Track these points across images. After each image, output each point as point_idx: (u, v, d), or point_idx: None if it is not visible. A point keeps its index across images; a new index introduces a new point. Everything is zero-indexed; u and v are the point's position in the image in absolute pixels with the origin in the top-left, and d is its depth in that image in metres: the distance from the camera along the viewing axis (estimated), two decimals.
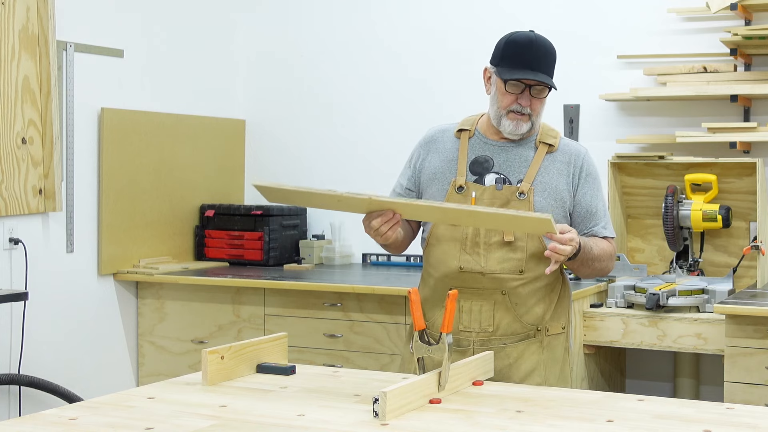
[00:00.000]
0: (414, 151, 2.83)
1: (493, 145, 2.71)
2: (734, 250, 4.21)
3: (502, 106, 2.65)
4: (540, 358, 2.68)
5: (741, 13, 4.12)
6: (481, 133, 2.74)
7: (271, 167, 5.26)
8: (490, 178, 2.68)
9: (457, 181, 2.68)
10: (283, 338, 2.57)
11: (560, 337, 2.74)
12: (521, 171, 2.68)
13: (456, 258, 2.65)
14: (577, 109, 4.59)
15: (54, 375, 4.19)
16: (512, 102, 2.64)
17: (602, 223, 2.73)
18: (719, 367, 3.62)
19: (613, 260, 2.77)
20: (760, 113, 4.26)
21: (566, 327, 2.76)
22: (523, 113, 2.65)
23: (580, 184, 2.71)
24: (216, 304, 4.44)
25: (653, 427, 1.95)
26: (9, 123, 4.00)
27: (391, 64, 5.01)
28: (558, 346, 2.73)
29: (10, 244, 4.05)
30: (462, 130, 2.75)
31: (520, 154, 2.70)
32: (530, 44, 2.63)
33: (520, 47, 2.63)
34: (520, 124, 2.66)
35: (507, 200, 2.64)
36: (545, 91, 2.67)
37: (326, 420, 2.00)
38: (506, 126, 2.66)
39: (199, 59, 5.04)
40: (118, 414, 2.05)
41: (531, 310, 2.66)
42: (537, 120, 2.70)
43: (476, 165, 2.70)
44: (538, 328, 2.68)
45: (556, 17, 4.64)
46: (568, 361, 2.79)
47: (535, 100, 2.66)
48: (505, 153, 2.70)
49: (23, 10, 4.04)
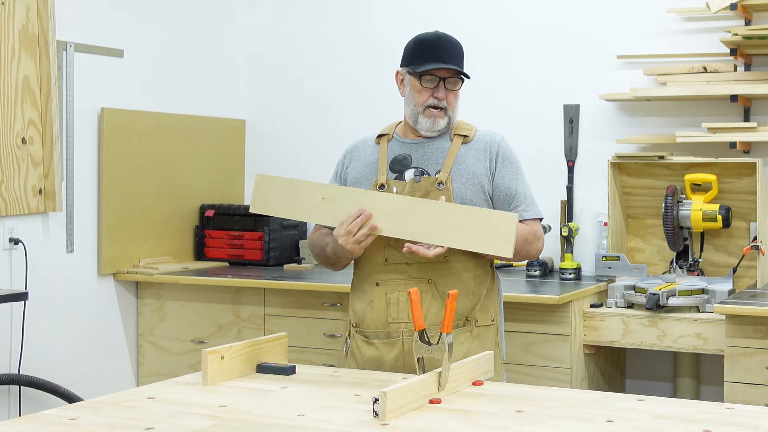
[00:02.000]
0: (337, 165, 2.94)
1: (410, 144, 2.82)
2: (734, 250, 4.21)
3: (419, 104, 2.76)
4: (471, 347, 2.72)
5: (741, 13, 4.12)
6: (399, 135, 2.85)
7: (271, 167, 5.26)
8: (409, 173, 2.77)
9: (378, 180, 2.77)
10: (283, 338, 2.57)
11: (490, 329, 2.80)
12: (439, 162, 2.76)
13: (381, 252, 2.73)
14: (577, 109, 4.59)
15: (54, 375, 4.19)
16: (428, 97, 2.74)
17: (522, 206, 2.78)
18: (719, 367, 3.62)
19: (540, 240, 2.81)
20: (760, 113, 4.26)
21: (495, 320, 2.82)
22: (439, 107, 2.74)
23: (498, 168, 2.78)
24: (216, 304, 4.44)
25: (653, 427, 1.95)
26: (9, 123, 4.00)
27: (392, 64, 4.99)
28: (488, 338, 2.79)
29: (10, 244, 4.05)
30: (381, 135, 2.87)
31: (436, 147, 2.79)
32: (438, 40, 2.77)
33: (430, 44, 2.76)
34: (437, 120, 2.76)
35: (426, 191, 2.72)
36: (458, 83, 2.77)
37: (326, 420, 2.00)
38: (424, 123, 2.76)
39: (198, 59, 5.05)
40: (118, 414, 2.05)
41: (458, 300, 2.69)
42: (453, 115, 2.79)
43: (395, 163, 2.80)
44: (467, 318, 2.73)
45: (556, 17, 4.64)
46: (500, 355, 2.84)
47: (450, 94, 2.76)
48: (422, 149, 2.80)
49: (23, 10, 4.04)
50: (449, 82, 2.75)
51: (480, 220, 2.55)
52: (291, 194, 2.75)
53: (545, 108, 4.64)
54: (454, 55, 2.76)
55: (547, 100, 4.64)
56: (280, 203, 2.77)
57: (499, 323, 2.85)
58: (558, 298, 3.72)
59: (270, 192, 2.78)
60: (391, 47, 5.02)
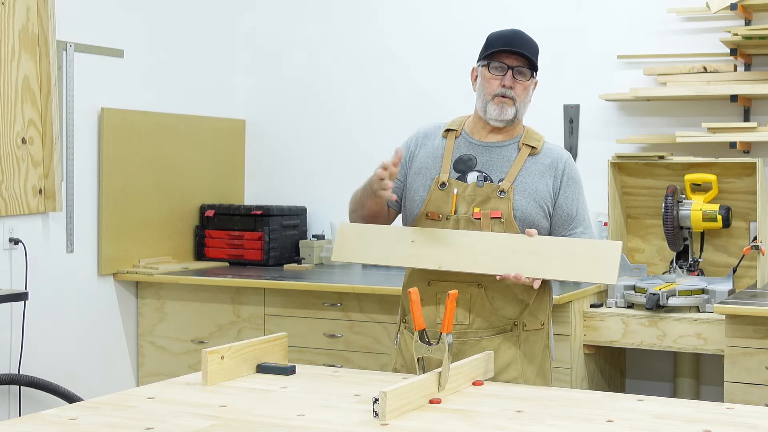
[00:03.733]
0: (410, 139, 2.89)
1: (478, 145, 2.78)
2: (734, 250, 4.21)
3: (488, 92, 2.73)
4: (516, 353, 2.70)
5: (741, 13, 4.12)
6: (467, 134, 2.82)
7: (271, 167, 5.26)
8: (472, 176, 2.74)
9: (440, 177, 2.74)
10: (283, 338, 2.57)
11: (539, 333, 2.76)
12: (503, 170, 2.73)
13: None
14: (577, 109, 4.59)
15: (54, 375, 4.19)
16: (497, 86, 2.72)
17: (581, 228, 2.76)
18: (719, 367, 3.62)
19: None
20: (760, 113, 4.26)
21: (545, 324, 2.78)
22: (507, 96, 2.71)
23: (562, 187, 2.75)
24: (216, 304, 4.44)
25: (653, 427, 1.95)
26: (9, 123, 4.00)
27: (392, 64, 5.01)
28: (537, 342, 2.76)
29: (10, 244, 4.05)
30: (449, 130, 2.83)
31: (503, 154, 2.76)
32: (512, 32, 2.76)
33: (503, 35, 2.75)
34: (505, 108, 2.73)
35: (487, 197, 2.69)
36: (528, 75, 2.74)
37: (326, 420, 2.00)
38: (492, 111, 2.74)
39: (199, 59, 5.04)
40: (118, 414, 2.05)
41: (508, 305, 2.69)
42: (521, 108, 2.76)
43: (460, 163, 2.77)
44: (515, 323, 2.71)
45: (556, 17, 4.64)
46: (549, 358, 2.81)
47: (518, 84, 2.73)
48: (488, 153, 2.77)
49: (23, 10, 4.04)
50: (518, 72, 2.72)
51: (583, 251, 2.55)
52: (378, 240, 2.74)
53: (545, 108, 4.63)
54: (527, 47, 2.72)
55: (547, 100, 4.63)
56: (367, 250, 2.76)
57: (550, 327, 2.82)
58: (558, 298, 3.71)
59: (355, 240, 2.76)
60: (391, 47, 5.04)
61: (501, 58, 2.71)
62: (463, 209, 2.70)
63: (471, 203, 2.69)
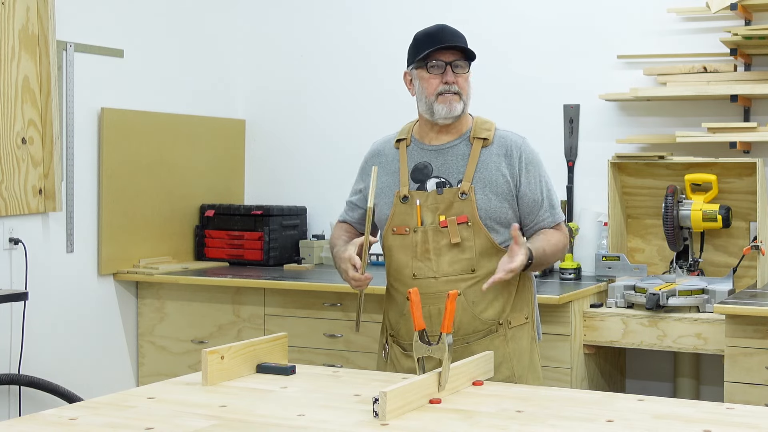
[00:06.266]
0: (361, 168, 2.91)
1: (430, 150, 2.76)
2: (734, 250, 4.21)
3: (430, 93, 2.69)
4: (506, 351, 2.71)
5: (741, 13, 4.12)
6: (417, 140, 2.79)
7: (271, 167, 5.27)
8: (431, 184, 2.72)
9: (401, 191, 2.73)
10: (283, 338, 2.57)
11: (524, 327, 2.77)
12: (460, 171, 2.71)
13: (409, 266, 2.71)
14: (577, 109, 4.59)
15: (54, 375, 4.19)
16: (438, 84, 2.68)
17: (548, 213, 2.75)
18: (719, 367, 3.62)
19: (567, 244, 2.82)
20: (760, 113, 4.26)
21: (530, 317, 2.79)
22: (452, 91, 2.68)
23: (522, 174, 2.73)
24: (216, 304, 4.44)
25: (653, 427, 1.95)
26: (9, 123, 4.00)
27: (391, 64, 5.00)
28: (523, 336, 2.76)
29: (10, 244, 4.05)
30: (400, 140, 2.81)
31: (456, 153, 2.74)
32: (438, 28, 2.73)
33: (430, 33, 2.72)
34: (453, 104, 2.69)
35: (450, 202, 2.68)
36: (466, 67, 2.71)
37: (326, 420, 2.00)
38: (440, 110, 2.70)
39: (199, 59, 5.04)
40: (118, 414, 2.05)
41: (489, 307, 2.69)
42: (467, 100, 2.73)
43: (416, 172, 2.75)
44: (500, 322, 2.71)
45: (556, 17, 4.64)
46: (536, 350, 2.82)
47: (459, 78, 2.69)
48: (442, 156, 2.74)
49: (23, 10, 4.04)
50: (456, 66, 2.69)
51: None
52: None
53: (545, 108, 4.64)
54: (458, 39, 2.70)
55: (547, 100, 4.64)
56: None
57: (535, 317, 2.82)
58: (558, 298, 3.71)
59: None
60: (391, 47, 5.03)
61: (436, 56, 2.68)
62: (429, 219, 2.69)
63: (435, 212, 2.68)
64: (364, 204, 2.85)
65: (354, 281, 2.69)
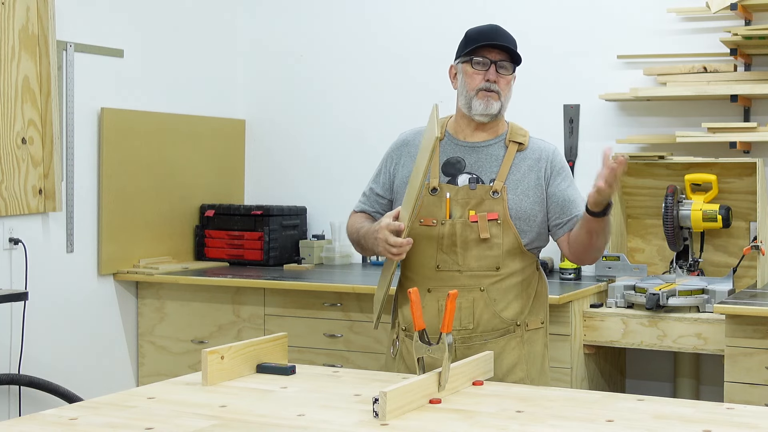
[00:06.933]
0: (387, 156, 2.87)
1: (464, 146, 2.75)
2: (734, 250, 4.21)
3: (471, 88, 2.70)
4: (521, 353, 2.71)
5: (741, 13, 4.12)
6: (452, 135, 2.79)
7: (271, 167, 5.26)
8: (462, 179, 2.71)
9: (431, 183, 2.71)
10: (283, 338, 2.57)
11: (539, 332, 2.77)
12: (493, 170, 2.71)
13: (433, 257, 2.69)
14: (577, 109, 4.59)
15: (54, 375, 4.19)
16: (480, 81, 2.69)
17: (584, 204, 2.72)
18: (719, 367, 3.62)
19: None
20: (760, 113, 4.26)
21: (545, 322, 2.79)
22: (491, 90, 2.69)
23: (552, 177, 2.74)
24: (216, 304, 4.44)
25: (653, 427, 1.94)
26: (9, 123, 4.00)
27: (392, 64, 5.01)
28: (538, 340, 2.76)
29: (10, 244, 4.05)
30: None
31: (491, 153, 2.74)
32: (490, 27, 2.74)
33: (482, 31, 2.73)
34: (491, 102, 2.69)
35: (481, 199, 2.68)
36: (511, 69, 2.72)
37: (326, 420, 2.00)
38: (477, 106, 2.70)
39: (198, 59, 5.04)
40: (118, 414, 2.05)
41: (509, 306, 2.69)
42: (505, 102, 2.73)
43: (448, 166, 2.74)
44: (518, 323, 2.71)
45: (556, 17, 4.64)
46: (547, 357, 2.82)
47: (501, 78, 2.70)
48: (476, 153, 2.74)
49: (23, 10, 4.04)
50: (501, 66, 2.69)
51: None
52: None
53: (545, 108, 4.64)
54: (507, 40, 2.71)
55: (547, 100, 4.64)
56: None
57: (548, 324, 2.82)
58: (558, 298, 3.71)
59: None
60: (390, 47, 5.04)
61: (483, 53, 2.69)
62: (458, 213, 2.68)
63: (465, 206, 2.67)
64: (386, 193, 2.82)
65: (395, 247, 2.58)
